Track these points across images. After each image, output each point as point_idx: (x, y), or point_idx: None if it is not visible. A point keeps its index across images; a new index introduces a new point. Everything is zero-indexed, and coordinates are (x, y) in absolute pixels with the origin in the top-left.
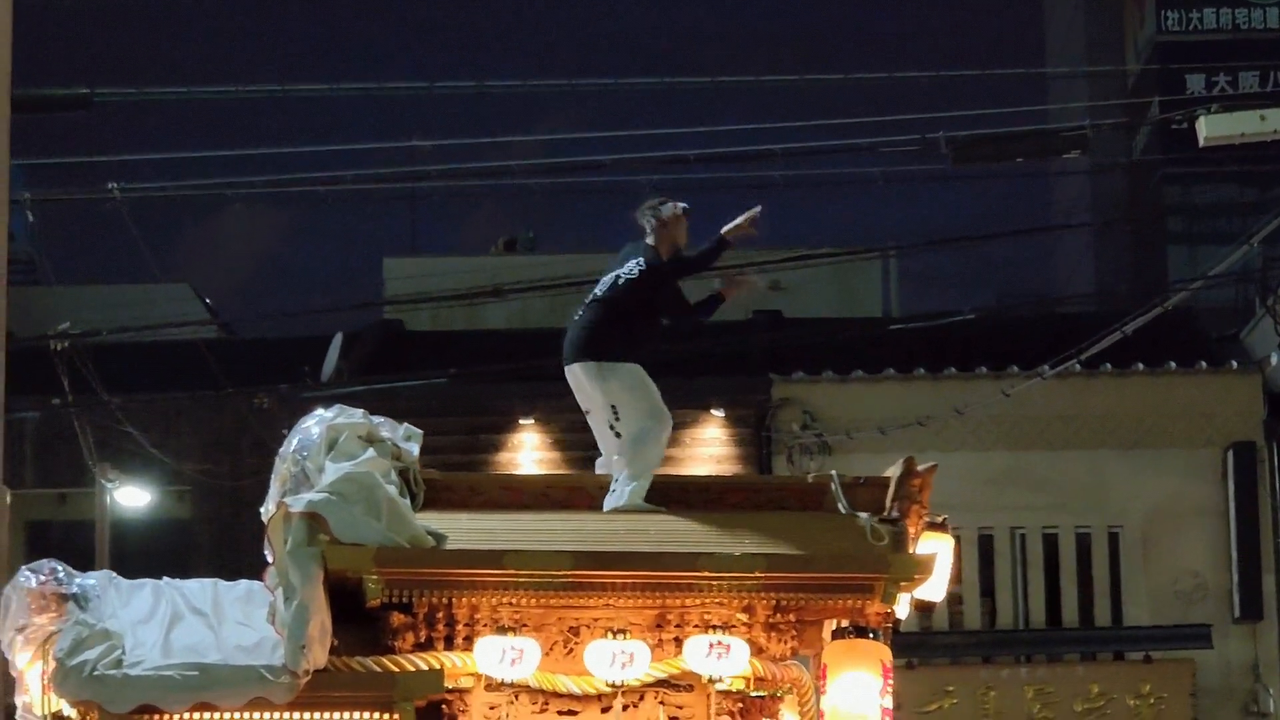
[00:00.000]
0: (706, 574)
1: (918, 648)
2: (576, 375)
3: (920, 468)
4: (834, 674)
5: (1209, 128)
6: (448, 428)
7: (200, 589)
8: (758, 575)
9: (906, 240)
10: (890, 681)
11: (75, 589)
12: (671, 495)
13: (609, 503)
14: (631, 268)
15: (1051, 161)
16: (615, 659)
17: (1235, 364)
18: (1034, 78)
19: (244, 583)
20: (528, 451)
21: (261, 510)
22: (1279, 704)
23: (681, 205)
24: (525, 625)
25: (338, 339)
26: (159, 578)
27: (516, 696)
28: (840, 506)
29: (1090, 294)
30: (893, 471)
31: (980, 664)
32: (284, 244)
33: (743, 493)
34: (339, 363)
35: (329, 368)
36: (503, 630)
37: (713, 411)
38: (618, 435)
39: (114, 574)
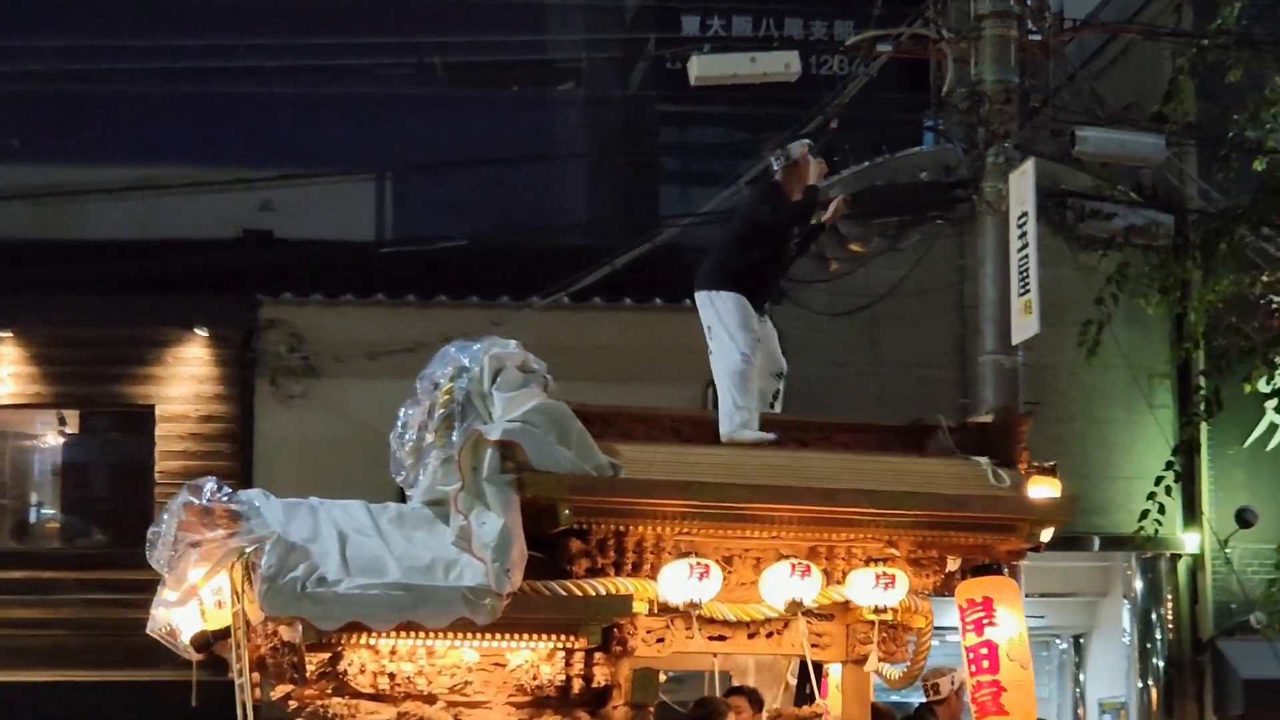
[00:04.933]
0: (872, 510)
1: None
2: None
3: (1022, 413)
4: (1000, 607)
5: (700, 67)
6: None
7: (354, 509)
8: (916, 513)
9: (402, 163)
10: None
11: (243, 506)
12: (791, 433)
13: (724, 431)
14: (742, 198)
15: (548, 92)
16: (793, 571)
17: None
18: (533, 7)
19: (392, 505)
20: (5, 366)
21: (392, 436)
22: None
23: (806, 143)
24: (690, 554)
25: None
26: None
27: (672, 622)
28: (946, 448)
29: (583, 227)
30: (987, 417)
31: None
32: None
33: (851, 433)
34: None
35: None
36: (680, 558)
37: (196, 331)
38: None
39: (267, 492)
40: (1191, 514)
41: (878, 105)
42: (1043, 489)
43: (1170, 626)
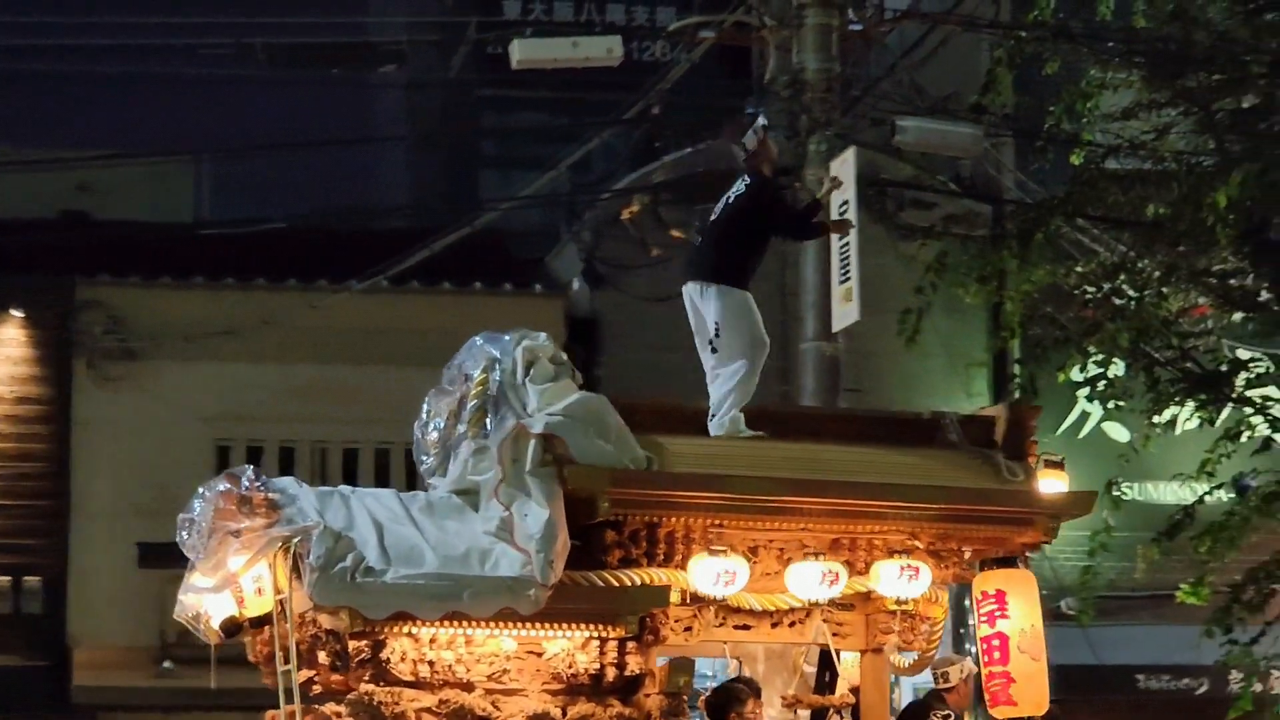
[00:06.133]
0: (896, 503)
1: None
2: (690, 294)
3: (1031, 407)
4: (1012, 599)
5: (522, 51)
6: None
7: (385, 497)
8: (939, 507)
9: (222, 145)
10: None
11: (279, 495)
12: (805, 425)
13: (714, 428)
14: (739, 187)
15: (369, 74)
16: (823, 579)
17: (540, 287)
18: None
19: (420, 494)
20: None
21: (416, 425)
22: None
23: (761, 124)
24: (722, 546)
25: None
26: None
27: (700, 611)
28: (954, 441)
29: (402, 210)
30: (994, 411)
31: None
32: None
33: (866, 424)
34: None
35: None
36: (711, 551)
37: (11, 312)
38: (714, 351)
39: (299, 480)
40: None
41: (700, 92)
42: (1052, 482)
43: None
